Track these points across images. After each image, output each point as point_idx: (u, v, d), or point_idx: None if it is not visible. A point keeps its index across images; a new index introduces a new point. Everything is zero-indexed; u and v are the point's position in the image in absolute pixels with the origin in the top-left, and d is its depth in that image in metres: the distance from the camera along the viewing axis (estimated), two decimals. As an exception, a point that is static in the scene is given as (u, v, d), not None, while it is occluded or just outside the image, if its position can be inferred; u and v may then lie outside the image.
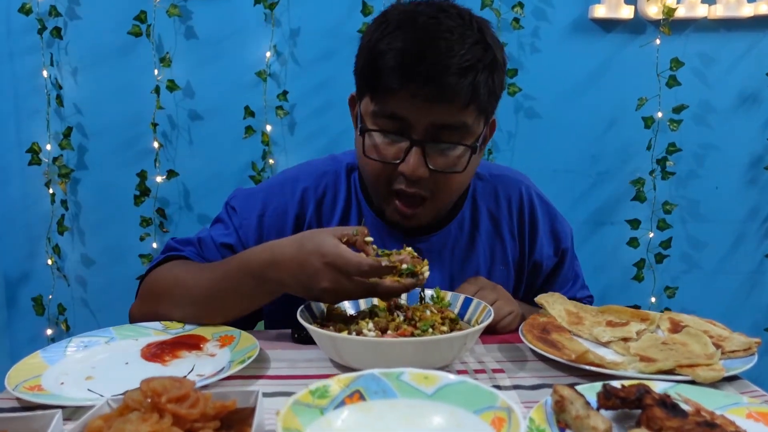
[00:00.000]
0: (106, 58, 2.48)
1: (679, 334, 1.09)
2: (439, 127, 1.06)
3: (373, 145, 1.11)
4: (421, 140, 1.06)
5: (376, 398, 0.77)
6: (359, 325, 0.97)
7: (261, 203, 1.26)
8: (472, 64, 1.03)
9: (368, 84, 1.10)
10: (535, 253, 1.34)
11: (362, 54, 1.12)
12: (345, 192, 1.27)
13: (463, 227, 1.29)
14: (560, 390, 0.79)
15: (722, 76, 2.52)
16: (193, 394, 0.72)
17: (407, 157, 1.07)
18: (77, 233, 2.60)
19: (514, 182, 1.34)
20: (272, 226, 1.24)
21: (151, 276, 1.24)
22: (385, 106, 1.07)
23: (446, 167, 1.10)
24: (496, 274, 1.29)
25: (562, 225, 1.38)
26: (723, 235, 2.61)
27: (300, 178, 1.27)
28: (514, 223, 1.32)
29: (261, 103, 2.48)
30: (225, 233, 1.26)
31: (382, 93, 1.06)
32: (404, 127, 1.07)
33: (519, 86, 2.47)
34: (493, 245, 1.30)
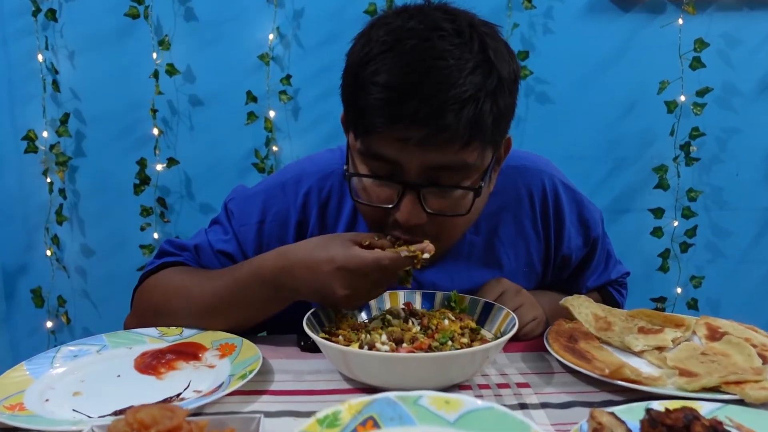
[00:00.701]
0: (103, 41, 2.38)
1: (719, 342, 1.01)
2: (435, 168, 0.91)
3: (363, 188, 0.98)
4: (415, 183, 0.92)
5: (391, 425, 0.69)
6: (371, 337, 0.89)
7: (261, 208, 1.16)
8: (472, 95, 0.87)
9: (351, 119, 0.95)
10: (563, 248, 1.23)
11: (346, 78, 0.96)
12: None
13: (479, 230, 1.16)
14: (598, 416, 0.70)
15: (747, 57, 2.39)
16: (186, 426, 0.64)
17: (400, 204, 0.93)
18: (76, 223, 2.52)
19: (535, 173, 1.20)
20: (273, 234, 1.15)
21: (147, 285, 1.16)
22: (371, 147, 0.92)
23: (447, 210, 0.95)
24: (519, 278, 1.17)
25: (590, 212, 1.25)
26: (746, 224, 2.50)
27: (302, 180, 1.16)
28: (537, 219, 1.20)
29: (264, 88, 2.38)
30: (224, 239, 1.17)
31: (367, 133, 0.92)
32: (395, 169, 0.92)
33: (530, 69, 2.36)
34: (516, 249, 1.19)
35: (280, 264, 0.99)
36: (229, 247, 1.17)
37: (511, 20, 2.33)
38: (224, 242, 1.17)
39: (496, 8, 2.34)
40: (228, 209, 1.20)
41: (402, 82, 0.86)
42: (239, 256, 1.15)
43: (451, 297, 1.06)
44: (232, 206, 1.19)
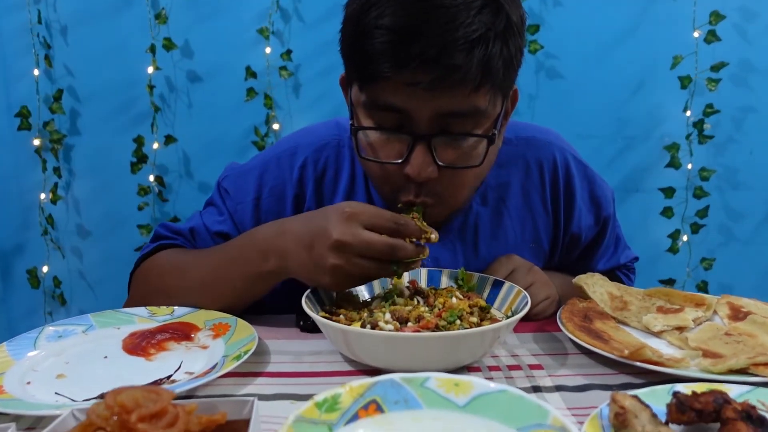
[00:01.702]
0: (97, 15, 2.31)
1: (743, 323, 0.95)
2: (446, 115, 0.86)
3: (369, 144, 0.93)
4: (425, 134, 0.87)
5: (396, 410, 0.63)
6: (374, 316, 0.83)
7: (256, 184, 1.11)
8: (481, 35, 0.82)
9: (355, 69, 0.89)
10: (573, 226, 1.17)
11: (346, 28, 0.91)
12: (349, 167, 1.10)
13: (486, 200, 1.11)
14: (621, 399, 0.65)
15: (762, 32, 2.31)
16: (172, 410, 0.58)
17: (411, 157, 0.88)
18: (72, 202, 2.46)
19: (545, 145, 1.14)
20: (270, 210, 1.10)
21: (143, 268, 1.12)
22: (378, 97, 0.87)
23: (459, 162, 0.90)
24: (526, 254, 1.11)
25: (602, 189, 1.19)
26: (759, 204, 2.44)
27: (297, 153, 1.11)
28: (547, 194, 1.14)
29: (263, 64, 2.31)
30: (219, 220, 1.13)
31: (372, 82, 0.86)
32: (403, 120, 0.88)
33: (540, 44, 2.29)
34: (523, 223, 1.13)
35: (276, 229, 0.94)
36: (225, 227, 1.12)
37: (519, -7, 2.25)
38: (220, 223, 1.13)
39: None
40: (222, 188, 1.15)
41: (408, 23, 0.81)
42: (238, 234, 1.10)
43: (458, 275, 1.00)
44: (227, 184, 1.14)
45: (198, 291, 1.03)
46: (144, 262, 1.13)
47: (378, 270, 0.86)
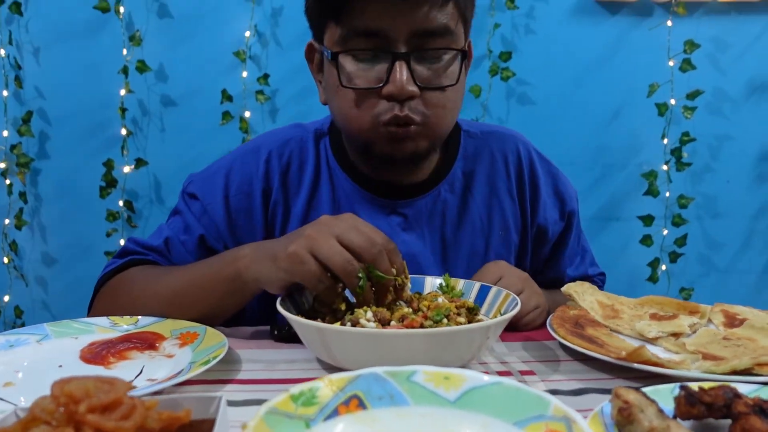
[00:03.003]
0: (70, 36, 2.27)
1: (741, 328, 0.91)
2: (421, 35, 0.92)
3: (348, 75, 0.95)
4: (404, 52, 0.92)
5: (380, 406, 0.57)
6: (355, 314, 0.77)
7: (223, 183, 1.09)
8: None
9: (330, 5, 0.94)
10: (539, 216, 1.17)
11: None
12: (314, 160, 1.10)
13: (454, 189, 1.12)
14: (624, 394, 0.59)
15: (734, 61, 2.35)
16: (128, 401, 0.52)
17: (392, 76, 0.92)
18: (37, 229, 2.37)
19: (509, 138, 1.18)
20: (240, 208, 1.09)
21: (112, 285, 1.07)
22: (357, 22, 0.92)
23: (436, 81, 0.95)
24: (495, 240, 1.12)
25: (565, 185, 1.21)
26: (736, 232, 2.43)
27: (261, 149, 1.11)
28: (512, 182, 1.15)
29: (240, 87, 2.28)
30: (191, 226, 1.09)
31: (349, 6, 0.91)
32: (381, 42, 0.92)
33: (513, 71, 2.29)
34: (490, 208, 1.14)
35: (253, 244, 0.93)
36: (198, 231, 1.08)
37: (493, 20, 2.26)
38: (192, 228, 1.09)
39: (479, 8, 2.25)
40: (188, 194, 1.11)
41: None
42: (213, 237, 1.08)
43: (443, 280, 0.95)
44: (193, 189, 1.11)
45: (169, 301, 0.97)
46: (112, 278, 1.07)
47: (327, 288, 0.81)
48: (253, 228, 1.09)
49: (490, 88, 2.31)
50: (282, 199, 1.09)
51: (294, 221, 1.08)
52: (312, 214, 1.08)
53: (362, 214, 1.06)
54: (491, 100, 2.33)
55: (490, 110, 2.35)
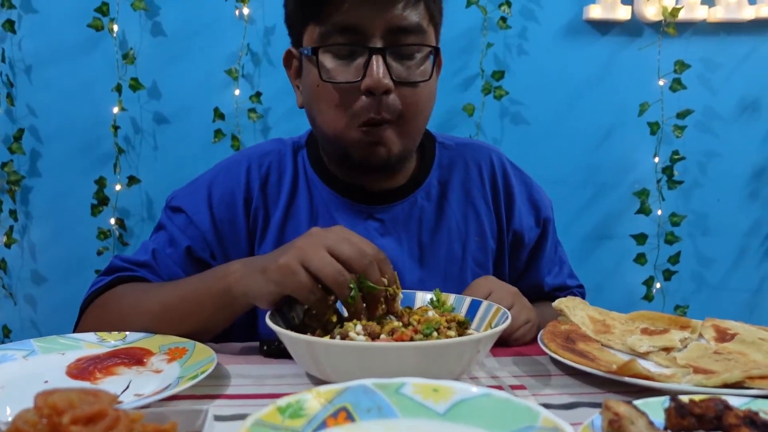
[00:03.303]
0: (64, 55, 2.27)
1: (732, 343, 0.91)
2: (395, 31, 0.98)
3: (327, 71, 0.99)
4: (380, 47, 0.97)
5: (368, 418, 0.57)
6: (345, 328, 0.77)
7: (207, 195, 1.12)
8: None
9: (310, 6, 0.99)
10: (514, 223, 1.19)
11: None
12: (291, 171, 1.14)
13: (430, 196, 1.16)
14: (614, 406, 0.59)
15: (724, 81, 2.38)
16: (113, 413, 0.51)
17: (368, 69, 0.96)
18: (27, 247, 2.35)
19: (483, 149, 1.22)
20: (224, 219, 1.11)
21: (100, 303, 1.06)
22: (336, 19, 0.97)
23: (411, 76, 1.00)
24: (472, 246, 1.15)
25: (540, 194, 1.25)
26: (728, 250, 2.44)
27: (242, 162, 1.15)
28: (487, 190, 1.19)
29: (232, 105, 2.28)
30: (176, 239, 1.10)
31: (328, 5, 0.97)
32: (359, 38, 0.98)
33: (506, 89, 2.30)
34: (465, 215, 1.17)
35: (243, 259, 0.94)
36: (183, 244, 1.09)
37: (485, 39, 2.28)
38: (177, 241, 1.10)
39: (471, 27, 2.30)
40: (172, 209, 1.13)
41: None
42: (200, 247, 1.09)
43: (434, 296, 0.94)
44: (178, 203, 1.13)
45: (158, 316, 0.96)
46: (100, 296, 1.06)
47: (318, 300, 0.81)
48: (237, 236, 1.11)
49: (483, 106, 2.32)
50: (262, 206, 1.12)
51: (273, 227, 1.11)
52: (290, 221, 1.11)
53: (340, 219, 1.09)
54: (485, 119, 2.34)
55: (484, 129, 2.36)
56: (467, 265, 1.14)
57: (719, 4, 2.32)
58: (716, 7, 2.33)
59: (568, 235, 2.39)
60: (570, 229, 2.40)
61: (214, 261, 1.10)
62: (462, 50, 2.32)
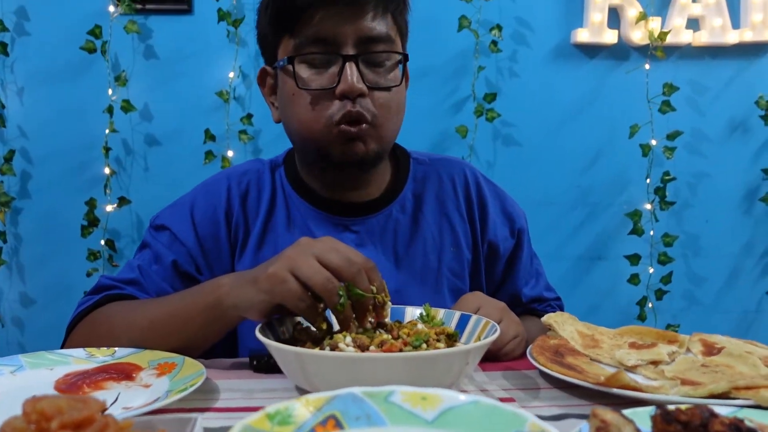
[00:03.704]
0: (56, 77, 2.28)
1: (719, 356, 0.91)
2: (366, 40, 1.03)
3: (303, 80, 1.04)
4: (353, 55, 1.02)
5: (357, 426, 0.57)
6: (334, 339, 0.77)
7: (190, 211, 1.15)
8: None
9: (284, 21, 1.04)
10: (489, 233, 1.22)
11: (269, 4, 1.07)
12: (270, 187, 1.18)
13: (405, 209, 1.19)
14: (601, 413, 0.59)
15: (710, 103, 2.42)
16: (101, 419, 0.51)
17: (343, 76, 1.01)
18: (16, 269, 2.34)
19: (456, 164, 1.27)
20: (207, 235, 1.14)
21: (89, 321, 1.06)
22: (308, 31, 1.02)
23: (382, 82, 1.05)
24: (447, 257, 1.18)
25: (513, 207, 1.28)
26: (719, 270, 2.46)
27: (222, 181, 1.19)
28: (461, 202, 1.22)
29: (223, 127, 2.30)
30: (162, 255, 1.12)
31: (302, 19, 1.02)
32: (332, 47, 1.03)
33: (498, 112, 2.34)
34: (440, 226, 1.20)
35: (231, 274, 0.95)
36: (168, 259, 1.11)
37: (477, 63, 2.32)
38: (163, 257, 1.11)
39: (464, 51, 2.34)
40: (156, 228, 1.16)
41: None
42: (185, 261, 1.11)
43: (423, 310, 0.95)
44: (162, 221, 1.16)
45: (147, 331, 0.96)
46: (89, 314, 1.06)
47: (308, 307, 0.82)
48: (220, 250, 1.14)
49: (476, 128, 2.35)
50: (243, 221, 1.15)
51: (253, 240, 1.14)
52: (269, 234, 1.14)
53: (317, 232, 1.12)
54: (478, 141, 2.37)
55: (477, 151, 2.38)
56: (443, 275, 1.17)
57: (704, 29, 2.37)
58: (701, 31, 2.38)
59: (561, 257, 2.41)
60: (563, 250, 2.42)
61: (199, 275, 1.11)
62: (454, 73, 2.36)
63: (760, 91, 2.41)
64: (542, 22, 2.39)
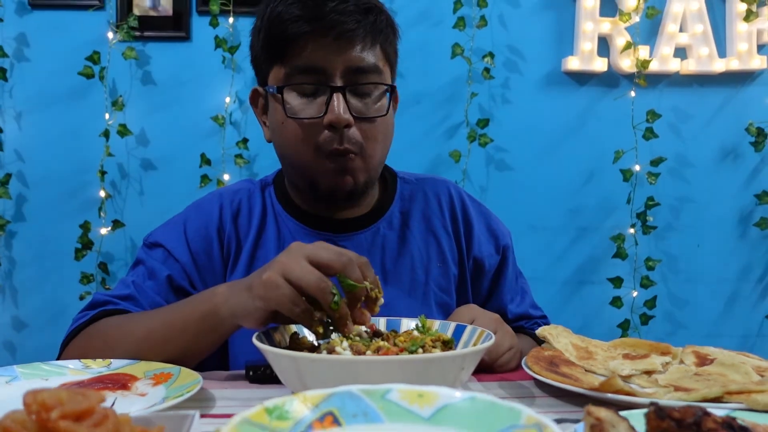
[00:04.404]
0: (53, 102, 2.30)
1: (712, 366, 0.92)
2: (354, 71, 1.06)
3: (292, 108, 1.07)
4: (340, 86, 1.05)
5: (354, 423, 0.57)
6: (331, 344, 0.78)
7: (182, 229, 1.18)
8: (370, 7, 1.07)
9: (275, 48, 1.07)
10: (474, 250, 1.24)
11: (262, 28, 1.09)
12: (260, 206, 1.21)
13: (392, 225, 1.22)
14: (596, 411, 0.60)
15: (698, 131, 2.47)
16: (100, 411, 0.51)
17: (330, 106, 1.04)
18: (9, 293, 2.33)
19: (441, 183, 1.30)
20: (200, 249, 1.16)
21: (85, 335, 1.06)
22: (298, 60, 1.05)
23: (369, 112, 1.08)
24: (434, 272, 1.21)
25: (497, 224, 1.31)
26: (711, 296, 2.48)
27: (214, 200, 1.22)
28: (446, 219, 1.25)
29: (219, 151, 2.32)
30: (157, 270, 1.13)
31: (292, 48, 1.05)
32: (320, 78, 1.05)
33: (490, 137, 2.37)
34: (427, 242, 1.23)
35: (226, 283, 0.96)
36: (162, 274, 1.12)
37: (470, 89, 2.36)
38: (157, 273, 1.12)
39: (457, 78, 2.38)
40: (149, 245, 1.17)
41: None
42: (179, 276, 1.12)
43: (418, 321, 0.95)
44: (155, 239, 1.17)
45: (143, 341, 0.97)
46: (85, 329, 1.07)
47: (303, 312, 0.82)
48: (213, 266, 1.16)
49: (469, 153, 2.38)
50: (234, 238, 1.17)
51: (244, 255, 1.16)
52: (260, 250, 1.16)
53: None
54: (471, 165, 2.39)
55: (470, 175, 2.41)
56: (430, 289, 1.19)
57: (691, 57, 2.43)
58: (688, 60, 2.43)
59: (550, 280, 2.42)
60: (552, 274, 2.43)
61: (193, 290, 1.12)
62: (448, 99, 2.39)
63: (748, 118, 2.45)
64: (533, 50, 2.43)
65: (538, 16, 2.43)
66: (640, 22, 2.38)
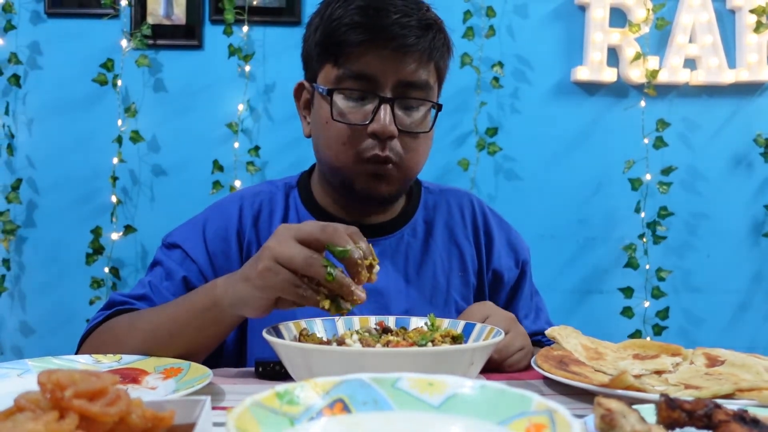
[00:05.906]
0: (66, 109, 2.33)
1: (723, 366, 0.91)
2: (405, 85, 1.06)
3: (339, 110, 1.07)
4: (390, 98, 1.05)
5: (364, 410, 0.57)
6: (341, 336, 0.78)
7: (201, 230, 1.18)
8: (430, 23, 1.07)
9: (331, 49, 1.07)
10: (494, 262, 1.26)
11: (319, 26, 1.09)
12: (282, 209, 1.20)
13: (416, 234, 1.23)
14: (606, 402, 0.60)
15: (708, 141, 2.47)
16: (113, 391, 0.52)
17: (377, 116, 1.04)
18: (18, 297, 2.34)
19: (464, 194, 1.32)
20: (217, 252, 1.15)
21: (100, 332, 1.08)
22: (352, 66, 1.05)
23: (413, 127, 1.09)
24: (456, 280, 1.21)
25: (518, 239, 1.32)
26: (722, 307, 2.46)
27: (234, 201, 1.21)
28: (468, 230, 1.26)
29: (231, 158, 2.33)
30: (174, 270, 1.13)
31: (348, 52, 1.05)
32: (372, 86, 1.06)
33: (499, 146, 2.38)
34: (449, 252, 1.24)
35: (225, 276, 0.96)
36: (179, 275, 1.12)
37: (479, 98, 2.37)
38: (174, 274, 1.13)
39: (466, 87, 2.39)
40: (167, 246, 1.18)
41: (376, 5, 1.04)
42: (196, 278, 1.12)
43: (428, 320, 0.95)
44: (174, 240, 1.18)
45: (149, 335, 0.98)
46: (99, 327, 1.08)
47: (305, 291, 0.82)
48: (231, 267, 1.13)
49: (478, 161, 2.39)
50: (255, 240, 1.16)
51: None
52: None
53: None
54: (479, 174, 2.40)
55: (479, 184, 2.41)
56: (451, 297, 1.19)
57: (701, 68, 2.43)
58: (698, 70, 2.43)
59: (557, 288, 2.41)
60: (559, 283, 2.42)
61: None
62: (457, 108, 2.41)
63: (757, 128, 2.45)
64: (543, 59, 2.45)
65: (547, 27, 2.45)
66: (650, 33, 2.39)
